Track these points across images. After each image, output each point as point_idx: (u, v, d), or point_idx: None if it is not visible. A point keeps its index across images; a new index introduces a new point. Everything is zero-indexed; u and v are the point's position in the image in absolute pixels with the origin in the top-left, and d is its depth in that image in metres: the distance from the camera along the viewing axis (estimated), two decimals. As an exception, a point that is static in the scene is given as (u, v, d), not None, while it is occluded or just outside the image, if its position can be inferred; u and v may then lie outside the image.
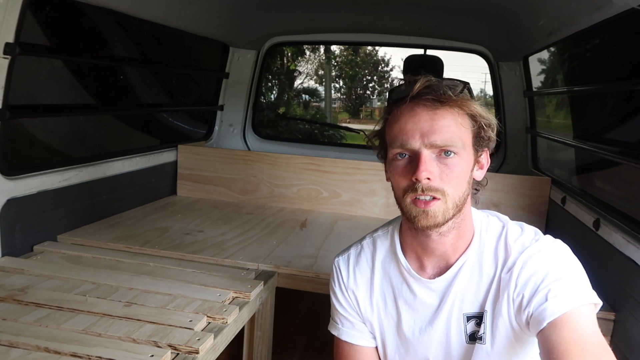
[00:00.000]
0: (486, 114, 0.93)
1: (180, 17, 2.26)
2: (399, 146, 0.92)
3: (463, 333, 1.00)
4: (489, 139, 0.95)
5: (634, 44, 1.66)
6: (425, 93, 0.90)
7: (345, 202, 2.46)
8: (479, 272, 0.98)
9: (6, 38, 1.44)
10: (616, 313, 1.37)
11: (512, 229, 0.99)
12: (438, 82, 0.91)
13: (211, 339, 1.13)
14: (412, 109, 0.91)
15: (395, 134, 0.92)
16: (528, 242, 0.96)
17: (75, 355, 1.03)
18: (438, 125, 0.89)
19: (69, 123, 2.12)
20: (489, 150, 0.98)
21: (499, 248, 0.98)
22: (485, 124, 0.93)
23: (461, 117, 0.91)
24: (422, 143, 0.89)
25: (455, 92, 0.90)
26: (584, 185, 2.16)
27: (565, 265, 0.91)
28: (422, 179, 0.88)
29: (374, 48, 19.18)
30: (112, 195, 2.13)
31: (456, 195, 0.91)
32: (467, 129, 0.92)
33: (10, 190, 1.58)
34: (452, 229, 0.95)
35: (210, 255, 1.69)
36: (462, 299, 0.99)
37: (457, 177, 0.91)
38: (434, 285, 1.01)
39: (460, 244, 0.99)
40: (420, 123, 0.89)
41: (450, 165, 0.90)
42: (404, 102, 0.92)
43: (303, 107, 15.84)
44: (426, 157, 0.89)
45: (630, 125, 1.84)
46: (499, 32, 2.51)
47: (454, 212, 0.92)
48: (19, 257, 1.58)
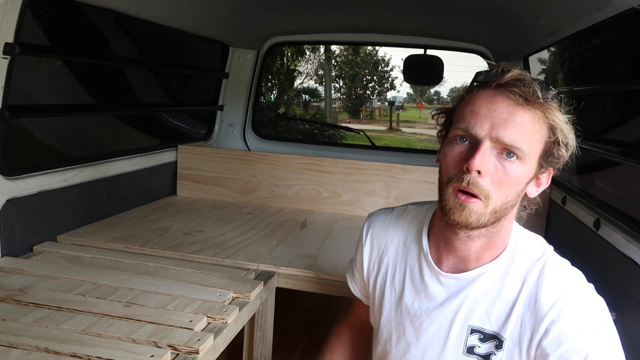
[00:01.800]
0: (568, 132, 0.85)
1: (180, 17, 2.26)
2: (464, 129, 0.84)
3: (462, 344, 0.95)
4: (559, 159, 0.86)
5: (634, 44, 1.66)
6: (513, 85, 0.82)
7: (345, 202, 2.46)
8: (499, 288, 0.92)
9: (6, 38, 1.44)
10: (616, 313, 1.36)
11: (554, 261, 0.91)
12: (531, 79, 0.83)
13: (211, 339, 1.13)
14: (493, 95, 0.83)
15: (465, 114, 0.85)
16: (569, 288, 0.87)
17: (75, 356, 1.03)
18: (513, 122, 0.81)
19: (68, 123, 2.12)
20: (554, 172, 0.90)
21: (532, 273, 0.89)
22: (562, 141, 0.84)
23: (540, 124, 0.83)
24: (488, 134, 0.81)
25: (545, 95, 0.82)
26: (584, 185, 2.16)
27: (603, 346, 0.84)
28: (473, 169, 0.81)
29: (374, 48, 19.21)
30: (112, 195, 2.13)
31: (499, 202, 0.84)
32: (541, 138, 0.84)
33: (10, 190, 1.58)
34: (483, 236, 0.89)
35: (210, 255, 1.69)
36: (471, 309, 0.94)
37: (509, 184, 0.83)
38: (445, 280, 0.96)
39: (486, 254, 0.92)
40: (495, 112, 0.82)
41: (507, 169, 0.82)
42: (488, 87, 0.84)
43: (303, 107, 15.85)
44: (486, 149, 0.81)
45: (630, 125, 1.84)
46: (499, 32, 2.51)
47: (491, 220, 0.85)
48: (18, 258, 1.58)
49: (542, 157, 0.86)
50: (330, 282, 1.57)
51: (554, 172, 0.91)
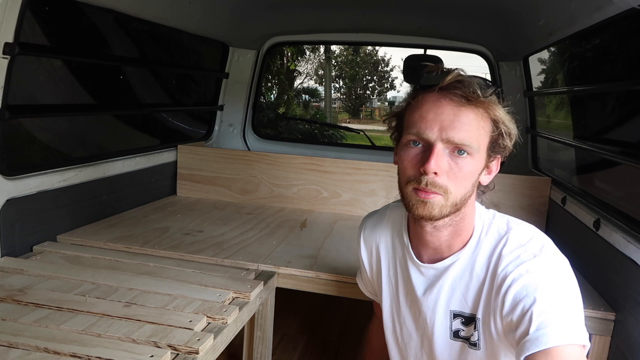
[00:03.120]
0: (509, 123, 0.92)
1: (180, 17, 2.26)
2: (415, 134, 0.90)
3: (448, 329, 1.03)
4: (504, 147, 0.94)
5: (634, 44, 1.67)
6: (454, 87, 0.88)
7: (345, 202, 2.46)
8: (470, 272, 0.99)
9: (5, 38, 1.44)
10: (616, 313, 1.37)
11: (514, 238, 0.96)
12: (470, 79, 0.89)
13: (211, 339, 1.13)
14: (438, 99, 0.89)
15: (415, 120, 0.91)
16: (526, 255, 0.92)
17: (74, 356, 1.03)
18: (459, 122, 0.87)
19: (68, 123, 2.12)
20: (501, 159, 0.98)
21: (495, 252, 0.96)
22: (505, 132, 0.92)
23: (484, 119, 0.90)
24: (439, 136, 0.88)
25: (485, 93, 0.88)
26: (584, 185, 2.16)
27: (557, 294, 0.86)
28: (430, 172, 0.88)
29: (374, 48, 19.21)
30: (112, 195, 2.13)
31: (458, 195, 0.91)
32: (486, 133, 0.91)
33: (10, 190, 1.58)
34: (448, 225, 0.96)
35: (210, 255, 1.69)
36: (450, 294, 1.01)
37: (464, 178, 0.90)
38: (425, 270, 1.04)
39: (456, 241, 0.99)
40: (442, 115, 0.88)
41: (460, 165, 0.89)
42: (432, 91, 0.90)
43: (303, 107, 15.85)
44: (439, 151, 0.88)
45: (630, 125, 1.84)
46: (499, 32, 2.51)
47: (451, 210, 0.92)
48: (18, 258, 1.58)
49: (489, 149, 0.93)
50: (330, 282, 1.57)
51: (501, 159, 0.98)
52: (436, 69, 0.92)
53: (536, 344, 0.80)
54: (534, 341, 0.81)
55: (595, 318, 1.38)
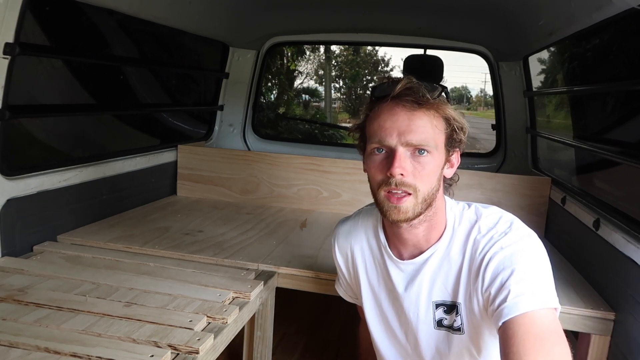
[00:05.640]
0: (459, 118, 1.00)
1: (180, 17, 2.26)
2: (377, 142, 0.98)
3: (432, 319, 1.08)
4: (460, 141, 1.03)
5: (634, 44, 1.66)
6: (405, 94, 0.96)
7: (345, 202, 2.46)
8: (447, 261, 1.05)
9: (6, 38, 1.44)
10: (616, 313, 1.37)
11: (484, 222, 1.03)
12: (418, 85, 0.97)
13: (211, 339, 1.13)
14: (392, 108, 0.97)
15: (375, 130, 0.99)
16: (498, 235, 1.00)
17: (75, 356, 1.03)
18: (414, 125, 0.95)
19: (69, 123, 2.12)
20: (460, 151, 1.06)
21: (469, 241, 1.03)
22: (457, 127, 1.00)
23: (436, 119, 0.98)
24: (398, 141, 0.95)
25: (433, 95, 0.97)
26: (584, 185, 2.16)
27: (530, 264, 0.94)
28: (396, 175, 0.95)
29: (374, 48, 19.18)
30: (112, 195, 2.13)
31: (426, 191, 0.98)
32: (440, 131, 0.98)
33: (10, 190, 1.58)
34: (424, 221, 1.03)
35: (210, 255, 1.69)
36: (431, 286, 1.07)
37: (429, 175, 0.97)
38: (404, 266, 1.10)
39: (432, 235, 1.06)
40: (398, 122, 0.96)
41: (423, 163, 0.96)
42: (385, 101, 0.98)
43: (303, 107, 15.83)
44: (401, 155, 0.95)
45: (630, 125, 1.84)
46: (499, 32, 2.51)
47: (424, 207, 0.99)
48: (18, 257, 1.58)
49: (447, 145, 1.01)
50: (330, 282, 1.57)
51: (461, 151, 1.06)
52: (387, 80, 1.02)
53: (514, 310, 0.87)
54: (512, 307, 0.87)
55: (595, 318, 1.38)
